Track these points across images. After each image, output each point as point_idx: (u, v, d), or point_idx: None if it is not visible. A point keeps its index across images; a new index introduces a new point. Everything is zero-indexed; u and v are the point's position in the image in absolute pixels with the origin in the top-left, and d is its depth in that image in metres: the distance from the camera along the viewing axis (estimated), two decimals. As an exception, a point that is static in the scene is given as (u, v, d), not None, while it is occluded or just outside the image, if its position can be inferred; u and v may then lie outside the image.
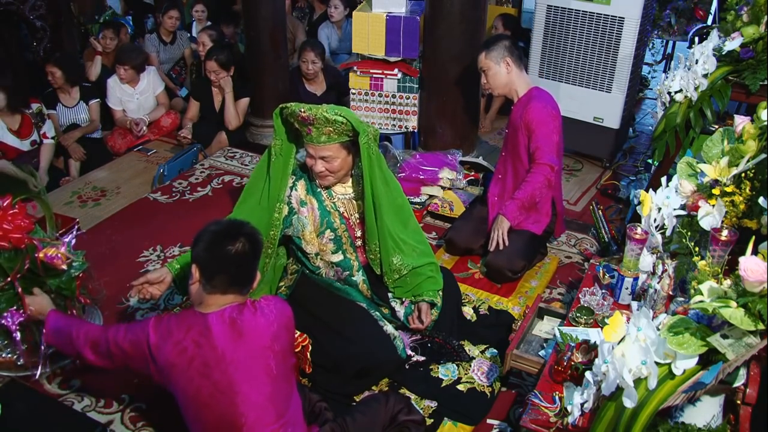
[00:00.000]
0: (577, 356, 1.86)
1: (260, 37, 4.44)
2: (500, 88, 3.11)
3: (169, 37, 5.54)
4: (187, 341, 1.80)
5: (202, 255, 1.85)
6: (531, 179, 3.00)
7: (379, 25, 3.84)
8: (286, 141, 2.49)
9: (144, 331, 1.86)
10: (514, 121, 3.11)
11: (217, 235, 1.85)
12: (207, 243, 1.85)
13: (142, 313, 2.89)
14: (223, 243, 1.83)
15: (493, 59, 3.05)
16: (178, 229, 3.49)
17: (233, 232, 1.85)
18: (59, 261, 2.32)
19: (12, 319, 2.30)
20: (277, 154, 2.49)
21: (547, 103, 3.01)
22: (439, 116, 3.94)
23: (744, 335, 1.49)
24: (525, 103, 3.05)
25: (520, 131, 3.05)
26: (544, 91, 3.10)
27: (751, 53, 2.87)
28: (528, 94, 3.07)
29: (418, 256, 2.57)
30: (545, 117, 2.98)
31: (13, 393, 2.27)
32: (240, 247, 1.82)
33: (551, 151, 2.99)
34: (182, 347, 1.80)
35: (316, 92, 4.79)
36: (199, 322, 1.82)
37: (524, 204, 3.03)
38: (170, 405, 2.34)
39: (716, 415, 1.67)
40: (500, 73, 3.06)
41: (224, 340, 1.80)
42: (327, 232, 2.52)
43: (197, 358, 1.79)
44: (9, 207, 2.30)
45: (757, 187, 1.88)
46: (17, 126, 4.17)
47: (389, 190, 2.50)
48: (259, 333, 1.84)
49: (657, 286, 2.05)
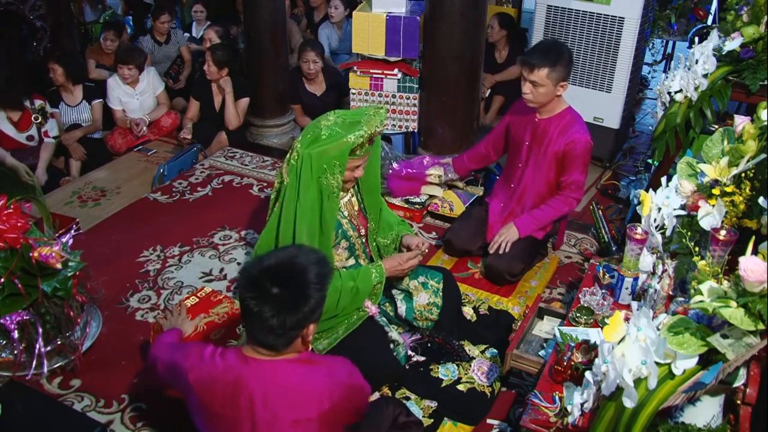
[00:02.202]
0: (577, 356, 1.86)
1: (260, 37, 4.44)
2: (540, 104, 2.93)
3: (163, 38, 5.57)
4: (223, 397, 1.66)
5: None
6: (556, 207, 3.02)
7: (379, 25, 3.84)
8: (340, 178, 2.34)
9: (184, 368, 1.73)
10: (542, 136, 2.98)
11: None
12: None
13: (142, 313, 2.89)
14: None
15: (554, 80, 2.82)
16: (178, 229, 3.49)
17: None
18: (54, 260, 2.31)
19: (10, 318, 2.30)
20: (332, 193, 2.33)
21: (588, 135, 2.94)
22: (439, 116, 3.94)
23: (744, 335, 1.49)
24: (563, 126, 2.93)
25: (551, 151, 2.96)
26: (579, 115, 2.99)
27: (751, 53, 2.87)
28: (565, 115, 2.96)
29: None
30: (588, 151, 2.95)
31: (13, 393, 2.27)
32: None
33: (583, 186, 3.02)
34: (218, 402, 1.67)
35: (316, 92, 4.79)
36: (240, 379, 1.65)
37: (541, 225, 3.06)
38: (170, 405, 2.35)
39: (716, 415, 1.67)
40: (551, 93, 2.87)
41: (263, 406, 1.63)
42: (342, 242, 2.51)
43: (227, 418, 1.67)
44: (4, 207, 2.30)
45: (757, 187, 1.88)
46: (17, 118, 4.23)
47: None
48: (305, 403, 1.64)
49: (657, 286, 2.05)
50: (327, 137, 2.27)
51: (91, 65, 5.34)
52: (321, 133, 2.29)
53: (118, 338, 2.73)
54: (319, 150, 2.25)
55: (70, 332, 2.50)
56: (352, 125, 2.29)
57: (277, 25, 4.49)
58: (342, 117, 2.36)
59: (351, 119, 2.33)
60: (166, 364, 1.83)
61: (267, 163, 4.27)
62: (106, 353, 2.65)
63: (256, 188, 3.95)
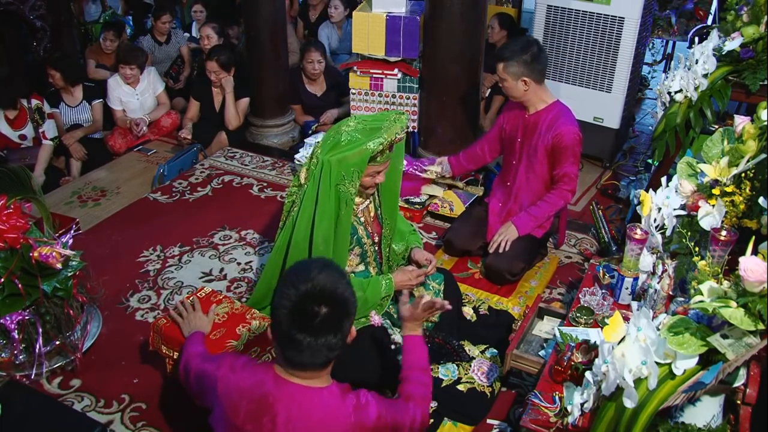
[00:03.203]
0: (577, 356, 1.86)
1: (260, 37, 4.44)
2: (516, 98, 3.01)
3: (164, 38, 5.57)
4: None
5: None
6: (552, 201, 3.03)
7: (379, 25, 3.84)
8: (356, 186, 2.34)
9: (214, 377, 1.72)
10: (532, 132, 3.01)
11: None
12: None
13: (142, 313, 2.89)
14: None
15: (511, 75, 2.91)
16: (178, 229, 3.49)
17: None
18: (53, 260, 2.31)
19: (10, 318, 2.30)
20: (350, 199, 2.32)
21: (576, 126, 2.97)
22: (439, 116, 3.94)
23: (744, 335, 1.49)
24: (550, 120, 2.96)
25: (541, 146, 2.99)
26: (567, 108, 3.02)
27: (751, 53, 2.87)
28: (551, 109, 2.99)
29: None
30: (576, 142, 2.96)
31: (13, 393, 2.26)
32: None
33: (576, 178, 3.02)
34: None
35: (316, 93, 4.79)
36: (267, 397, 1.62)
37: (539, 222, 3.06)
38: (170, 405, 2.35)
39: (716, 415, 1.67)
40: (517, 88, 2.94)
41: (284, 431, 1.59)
42: (356, 249, 2.50)
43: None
44: (4, 207, 2.30)
45: (757, 187, 1.88)
46: (13, 117, 4.22)
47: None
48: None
49: (657, 286, 2.05)
50: (347, 143, 2.25)
51: (91, 65, 5.35)
52: (341, 139, 2.27)
53: (118, 338, 2.73)
54: (339, 157, 2.24)
55: (70, 332, 2.50)
56: (372, 131, 2.27)
57: (277, 25, 4.49)
58: (363, 122, 2.33)
59: (371, 125, 2.31)
60: (197, 374, 1.81)
61: (267, 163, 4.27)
62: (106, 353, 2.65)
63: (256, 188, 3.95)
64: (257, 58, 4.55)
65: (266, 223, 3.54)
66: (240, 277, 3.13)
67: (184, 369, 1.92)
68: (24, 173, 2.56)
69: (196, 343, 2.05)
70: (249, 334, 2.27)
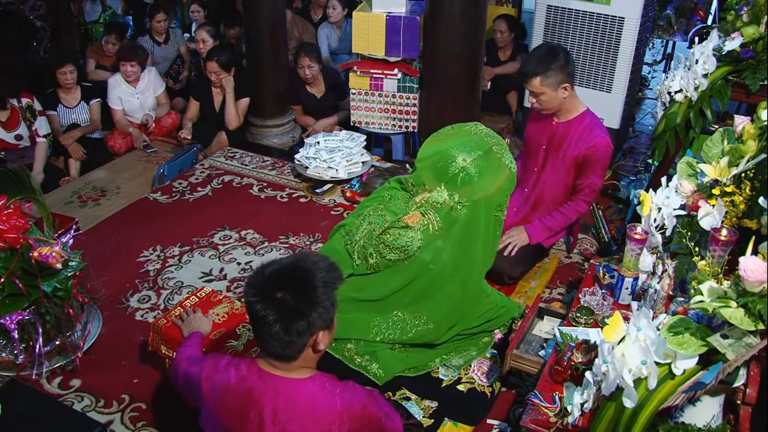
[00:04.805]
0: (577, 356, 1.86)
1: (260, 37, 4.44)
2: (553, 110, 2.90)
3: (162, 37, 5.55)
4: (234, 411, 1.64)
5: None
6: (567, 213, 2.99)
7: (379, 25, 3.84)
8: None
9: (198, 379, 1.73)
10: (561, 140, 2.94)
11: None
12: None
13: (142, 313, 2.89)
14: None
15: (551, 85, 2.77)
16: (178, 229, 3.49)
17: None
18: (53, 260, 2.31)
19: (10, 318, 2.30)
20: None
21: (609, 138, 2.89)
22: (439, 116, 3.93)
23: (744, 335, 1.49)
24: (582, 130, 2.88)
25: (571, 155, 2.91)
26: (598, 118, 2.94)
27: (751, 53, 2.87)
28: (583, 118, 2.90)
29: None
30: (609, 156, 2.91)
31: (13, 393, 2.27)
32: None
33: (598, 190, 2.99)
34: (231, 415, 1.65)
35: (315, 94, 4.78)
36: (252, 392, 1.63)
37: (552, 233, 3.03)
38: (170, 405, 2.35)
39: (716, 415, 1.67)
40: (556, 97, 2.81)
41: (272, 424, 1.60)
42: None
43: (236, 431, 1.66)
44: (4, 207, 2.30)
45: (757, 187, 1.88)
46: (5, 118, 4.21)
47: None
48: (313, 428, 1.60)
49: (657, 286, 2.05)
50: (478, 174, 2.33)
51: (91, 65, 5.34)
52: (472, 172, 2.32)
53: (118, 338, 2.73)
54: (492, 191, 2.36)
55: (70, 332, 2.50)
56: (486, 155, 2.35)
57: (277, 25, 4.49)
58: (466, 155, 2.34)
59: (479, 158, 2.34)
60: (184, 378, 1.82)
61: (267, 163, 4.27)
62: (106, 353, 2.65)
63: (256, 188, 3.95)
64: (257, 58, 4.55)
65: (266, 223, 3.55)
66: (240, 277, 3.13)
67: (173, 373, 1.92)
68: (24, 173, 2.56)
69: (188, 347, 2.05)
70: (249, 334, 2.28)
